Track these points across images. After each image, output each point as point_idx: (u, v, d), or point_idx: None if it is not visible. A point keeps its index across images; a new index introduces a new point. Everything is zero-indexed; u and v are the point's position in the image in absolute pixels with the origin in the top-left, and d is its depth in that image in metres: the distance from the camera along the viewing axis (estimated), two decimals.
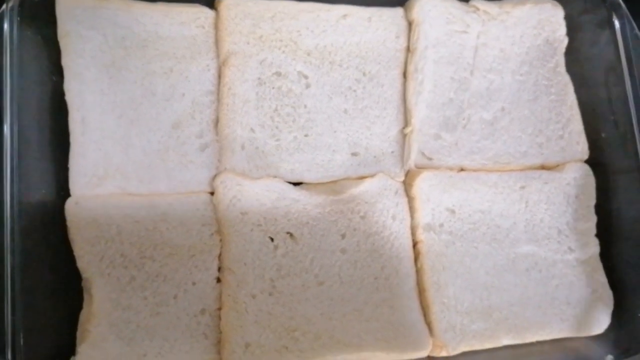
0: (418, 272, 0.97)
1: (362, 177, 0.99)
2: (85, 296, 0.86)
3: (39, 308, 0.83)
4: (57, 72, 0.89)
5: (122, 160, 0.90)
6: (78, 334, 0.85)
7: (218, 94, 0.96)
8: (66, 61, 0.89)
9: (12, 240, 0.80)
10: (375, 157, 1.00)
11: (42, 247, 0.85)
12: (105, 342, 0.84)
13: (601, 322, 1.01)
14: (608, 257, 1.05)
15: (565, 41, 1.09)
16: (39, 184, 0.87)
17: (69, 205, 0.86)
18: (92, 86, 0.90)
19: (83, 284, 0.86)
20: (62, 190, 0.87)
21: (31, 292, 0.82)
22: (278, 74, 0.98)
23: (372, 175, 0.99)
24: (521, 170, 1.04)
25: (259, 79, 0.97)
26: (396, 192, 0.99)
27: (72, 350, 0.84)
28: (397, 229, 0.97)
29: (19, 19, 0.85)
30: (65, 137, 0.88)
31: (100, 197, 0.88)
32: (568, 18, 1.09)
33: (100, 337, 0.84)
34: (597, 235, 1.05)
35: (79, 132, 0.88)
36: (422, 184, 0.98)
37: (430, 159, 1.01)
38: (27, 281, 0.81)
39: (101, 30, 0.91)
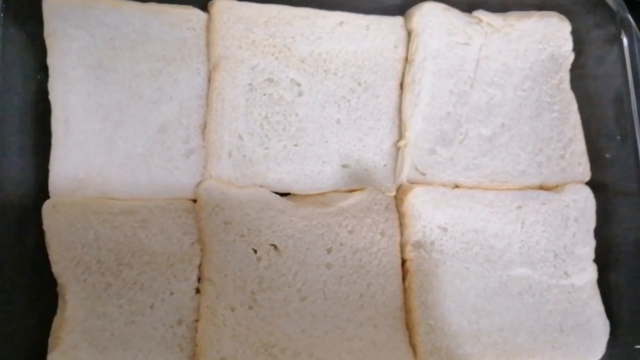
0: (405, 291, 0.94)
1: (351, 190, 0.96)
2: (60, 302, 0.84)
3: (11, 312, 0.82)
4: (42, 70, 0.87)
5: (104, 163, 0.87)
6: (50, 340, 0.83)
7: (207, 98, 0.93)
8: (52, 60, 0.87)
9: None
10: (366, 170, 0.97)
11: (17, 250, 0.83)
12: (78, 349, 0.82)
13: (595, 352, 0.97)
14: (606, 284, 1.01)
15: (571, 57, 1.06)
16: (17, 184, 0.85)
17: (46, 207, 0.83)
18: (77, 86, 0.88)
19: (58, 289, 0.84)
20: (42, 192, 0.85)
21: (3, 295, 0.80)
22: (270, 80, 0.95)
23: (362, 189, 0.96)
24: (519, 189, 1.01)
25: (250, 85, 0.94)
26: (386, 207, 0.96)
27: (43, 357, 0.82)
28: (385, 246, 0.94)
29: (2, 15, 0.83)
30: (48, 138, 0.86)
31: (79, 200, 0.85)
32: (575, 33, 1.05)
33: (72, 344, 0.81)
34: (595, 260, 1.01)
35: (61, 133, 0.86)
36: (414, 200, 0.95)
37: (423, 174, 0.98)
38: None
39: (89, 30, 0.89)
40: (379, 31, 1.00)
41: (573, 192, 1.01)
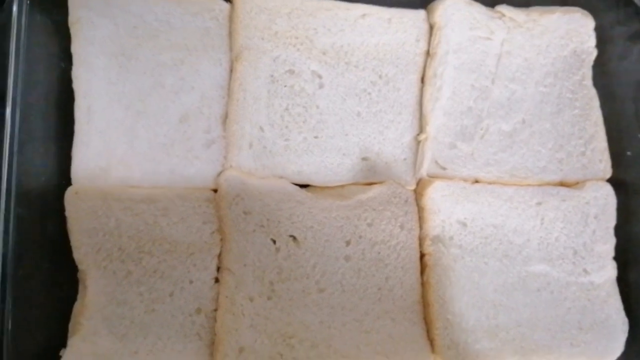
0: (424, 285, 0.94)
1: (371, 183, 0.96)
2: (80, 288, 0.85)
3: (32, 298, 0.82)
4: (66, 58, 0.88)
5: (126, 151, 0.88)
6: (70, 326, 0.83)
7: (228, 89, 0.93)
8: (76, 48, 0.87)
9: (7, 227, 0.79)
10: (386, 163, 0.96)
11: (38, 236, 0.84)
12: (97, 336, 0.82)
13: (614, 350, 0.96)
14: (625, 282, 1.00)
15: (594, 53, 1.05)
16: (40, 171, 0.86)
17: (69, 194, 0.84)
18: (100, 74, 0.88)
19: (78, 275, 0.85)
20: (64, 179, 0.86)
21: (24, 282, 0.81)
22: (291, 72, 0.95)
23: (382, 182, 0.95)
24: (539, 185, 1.00)
25: (272, 76, 0.94)
26: (406, 201, 0.95)
27: (63, 343, 0.82)
28: (404, 239, 0.94)
29: (28, 2, 0.84)
30: (70, 125, 0.86)
31: (101, 188, 0.86)
32: (598, 29, 1.04)
33: (92, 330, 0.82)
34: (615, 258, 1.00)
35: (84, 121, 0.86)
36: (434, 194, 0.94)
37: (444, 168, 0.97)
38: (21, 270, 0.80)
39: (113, 19, 0.89)
40: (401, 24, 0.99)
41: (594, 189, 1.00)
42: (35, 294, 0.82)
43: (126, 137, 0.88)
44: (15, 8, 0.82)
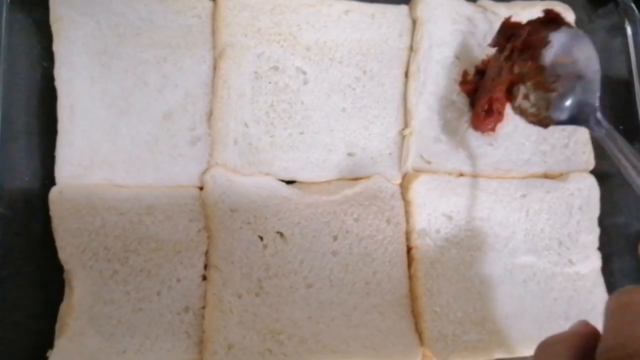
0: (411, 278, 0.94)
1: (357, 178, 0.96)
2: (66, 289, 0.84)
3: (17, 299, 0.81)
4: (47, 57, 0.86)
5: (109, 150, 0.87)
6: (57, 327, 0.82)
7: (212, 86, 0.93)
8: (57, 47, 0.86)
9: None
10: (372, 158, 0.97)
11: (23, 237, 0.83)
12: (84, 336, 0.81)
13: None
14: (610, 272, 1.01)
15: None
16: (23, 170, 0.84)
17: (53, 194, 0.83)
18: (82, 73, 0.87)
19: (64, 275, 0.84)
20: (47, 179, 0.84)
21: (9, 282, 0.80)
22: (275, 68, 0.95)
23: (368, 177, 0.96)
24: (523, 178, 1.01)
25: (256, 73, 0.94)
26: (392, 195, 0.96)
27: (50, 344, 0.81)
28: (391, 233, 0.94)
29: (9, 1, 0.83)
30: (53, 125, 0.85)
31: (86, 187, 0.85)
32: (578, 22, 1.06)
33: (79, 331, 0.81)
34: (600, 248, 1.01)
35: (67, 120, 0.86)
36: (419, 188, 0.95)
37: (428, 162, 0.98)
38: (5, 271, 0.79)
39: (94, 17, 0.88)
40: (384, 20, 1.00)
41: (577, 181, 1.02)
42: (20, 294, 0.81)
43: (110, 135, 0.87)
44: None
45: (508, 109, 0.98)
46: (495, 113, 0.94)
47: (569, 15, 1.05)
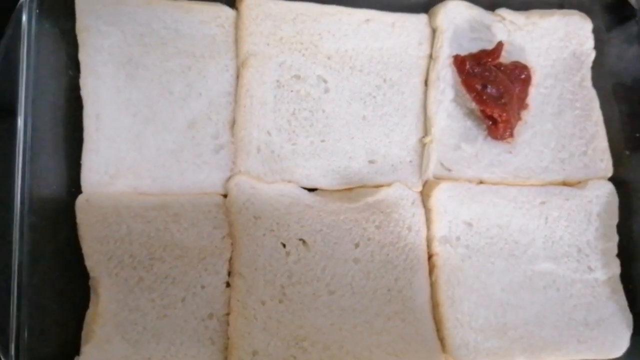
0: (432, 285, 0.95)
1: (378, 186, 0.97)
2: (92, 296, 0.85)
3: (45, 306, 0.82)
4: (73, 66, 0.88)
5: (135, 158, 0.88)
6: (83, 334, 0.83)
7: (235, 95, 0.94)
8: (83, 56, 0.88)
9: (21, 235, 0.79)
10: (392, 165, 0.98)
11: (50, 244, 0.84)
12: (111, 343, 0.82)
13: (620, 346, 0.98)
14: (629, 279, 1.02)
15: (593, 55, 1.07)
16: (50, 179, 0.86)
17: (80, 202, 0.84)
18: (108, 82, 0.88)
19: (90, 283, 0.85)
20: (74, 187, 0.86)
21: (38, 289, 0.81)
22: (297, 77, 0.96)
23: (388, 184, 0.96)
24: (542, 185, 1.01)
25: (278, 81, 0.95)
26: (413, 203, 0.96)
27: (76, 350, 0.82)
28: (412, 240, 0.95)
29: (37, 11, 0.84)
30: (79, 133, 0.86)
31: (112, 195, 0.86)
32: (596, 31, 1.07)
33: (105, 338, 0.82)
34: (619, 255, 1.01)
35: (92, 129, 0.87)
36: (440, 195, 0.96)
37: (449, 170, 0.98)
38: (34, 278, 0.80)
39: (120, 27, 0.90)
40: (404, 29, 1.01)
41: (596, 188, 1.02)
42: (48, 302, 0.82)
43: (135, 144, 0.89)
44: (24, 17, 0.82)
45: (525, 116, 1.00)
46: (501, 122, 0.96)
47: (587, 24, 1.06)
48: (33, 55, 0.83)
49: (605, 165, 1.04)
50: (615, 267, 1.01)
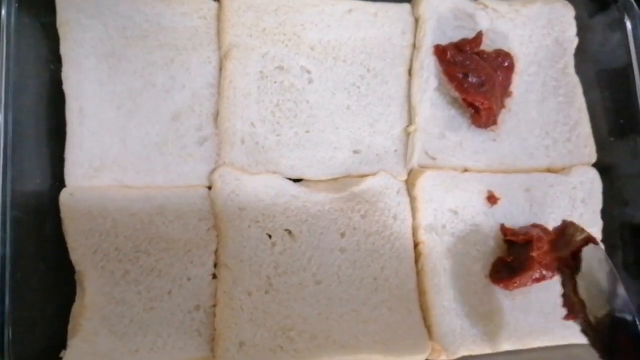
0: (418, 273, 0.95)
1: (363, 175, 0.97)
2: (78, 289, 0.85)
3: (30, 300, 0.82)
4: (55, 60, 0.88)
5: (119, 151, 0.88)
6: (70, 327, 0.83)
7: (219, 86, 0.94)
8: (65, 50, 0.87)
9: (4, 230, 0.79)
10: (377, 155, 0.98)
11: (35, 238, 0.84)
12: (97, 336, 0.82)
13: None
14: (612, 264, 1.02)
15: (575, 42, 1.07)
16: (33, 173, 0.85)
17: (64, 196, 0.84)
18: (90, 76, 0.88)
19: (76, 276, 0.85)
20: (58, 181, 0.86)
21: (22, 284, 0.80)
22: (280, 68, 0.96)
23: (373, 174, 0.97)
24: (526, 172, 1.02)
25: (261, 72, 0.95)
26: (398, 192, 0.97)
27: (63, 344, 0.82)
28: (398, 229, 0.95)
29: (17, 4, 0.84)
30: (62, 127, 0.86)
31: (96, 188, 0.86)
32: (578, 18, 1.07)
33: (92, 331, 0.82)
34: (602, 241, 1.02)
35: (76, 122, 0.87)
36: (425, 184, 0.96)
37: (433, 158, 0.99)
38: (18, 273, 0.80)
39: (102, 20, 0.89)
40: (387, 18, 1.01)
41: (580, 174, 1.03)
42: (33, 296, 0.82)
43: (119, 137, 0.88)
44: (3, 11, 0.82)
45: (509, 103, 1.00)
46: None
47: (570, 12, 1.06)
48: (13, 49, 0.82)
49: (589, 151, 1.05)
50: None
